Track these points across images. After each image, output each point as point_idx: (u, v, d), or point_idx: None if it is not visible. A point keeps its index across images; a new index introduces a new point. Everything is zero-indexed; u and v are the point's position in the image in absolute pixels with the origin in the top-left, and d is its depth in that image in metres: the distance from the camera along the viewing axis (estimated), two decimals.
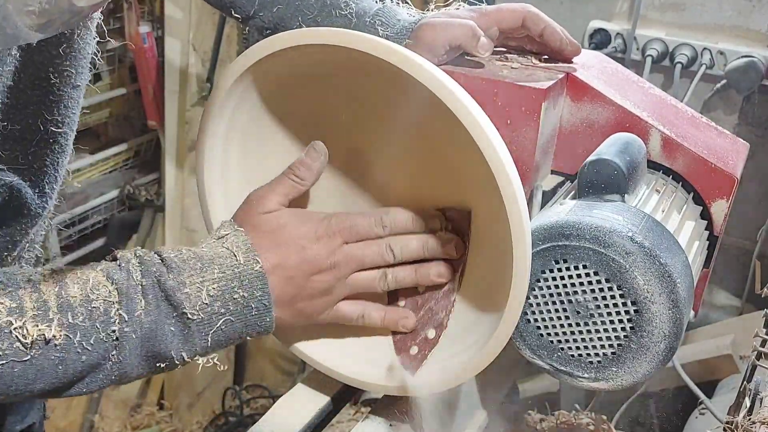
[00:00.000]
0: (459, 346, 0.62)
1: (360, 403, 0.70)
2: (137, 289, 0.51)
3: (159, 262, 0.53)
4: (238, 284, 0.54)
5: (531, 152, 0.67)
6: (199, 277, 0.53)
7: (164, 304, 0.52)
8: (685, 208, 0.67)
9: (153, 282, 0.52)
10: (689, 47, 1.52)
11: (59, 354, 0.49)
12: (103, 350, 0.51)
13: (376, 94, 0.62)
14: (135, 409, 2.05)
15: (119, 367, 0.52)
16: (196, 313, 0.53)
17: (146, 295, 0.52)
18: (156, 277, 0.52)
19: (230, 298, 0.54)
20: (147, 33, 1.88)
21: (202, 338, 0.54)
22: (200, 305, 0.53)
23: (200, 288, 0.53)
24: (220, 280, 0.54)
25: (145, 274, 0.52)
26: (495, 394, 0.88)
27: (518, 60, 0.71)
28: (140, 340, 0.51)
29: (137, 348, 0.52)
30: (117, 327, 0.50)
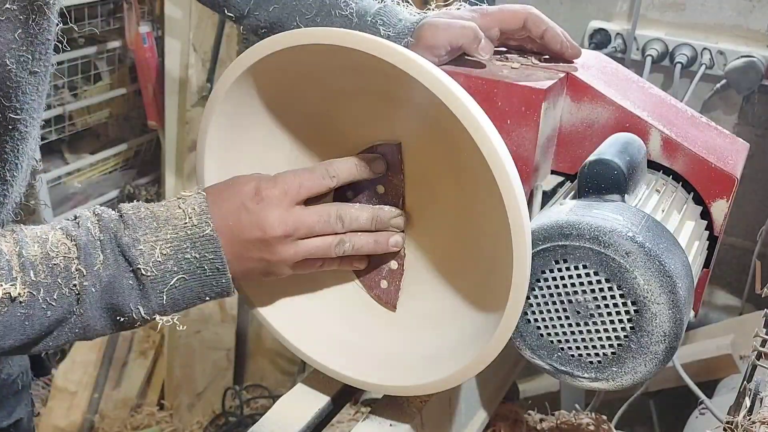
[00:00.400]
0: (459, 347, 0.62)
1: (360, 403, 0.70)
2: (96, 244, 0.53)
3: (117, 219, 0.55)
4: (190, 245, 0.55)
5: (531, 152, 0.67)
6: (153, 235, 0.55)
7: (121, 259, 0.54)
8: (685, 208, 0.67)
9: (110, 237, 0.54)
10: (689, 47, 1.52)
11: (25, 311, 0.51)
12: (67, 304, 0.53)
13: (378, 94, 0.62)
14: (135, 409, 2.05)
15: (82, 320, 0.54)
16: (150, 270, 0.54)
17: (104, 249, 0.53)
18: (113, 232, 0.54)
19: (183, 258, 0.55)
20: (147, 33, 1.88)
21: (158, 295, 0.55)
22: (153, 262, 0.54)
23: (153, 246, 0.54)
24: (172, 240, 0.55)
25: (102, 230, 0.54)
26: (495, 394, 0.88)
27: (518, 60, 0.71)
28: (100, 293, 0.53)
29: (98, 301, 0.54)
30: (77, 281, 0.52)
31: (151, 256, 0.54)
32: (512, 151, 0.53)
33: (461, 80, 0.66)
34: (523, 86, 0.65)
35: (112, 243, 0.54)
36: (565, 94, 0.70)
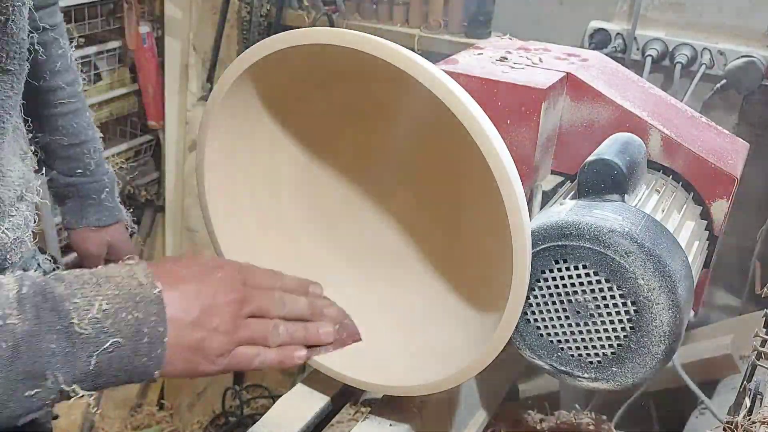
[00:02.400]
0: (459, 347, 0.62)
1: (360, 403, 0.70)
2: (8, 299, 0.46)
3: (49, 278, 0.49)
4: (133, 305, 0.49)
5: (531, 152, 0.67)
6: (93, 290, 0.48)
7: (47, 314, 0.46)
8: (685, 208, 0.67)
9: (36, 291, 0.47)
10: (689, 47, 1.52)
11: None
12: None
13: (377, 94, 0.62)
14: (135, 409, 2.05)
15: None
16: (84, 327, 0.47)
17: (22, 304, 0.46)
18: (41, 286, 0.47)
19: (123, 318, 0.48)
20: (147, 33, 1.88)
21: (86, 359, 0.47)
22: (90, 318, 0.47)
23: (92, 301, 0.48)
24: (114, 297, 0.49)
25: (24, 286, 0.47)
26: (495, 394, 0.88)
27: (518, 60, 0.71)
28: (10, 352, 0.44)
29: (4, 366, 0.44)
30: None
31: (87, 312, 0.47)
32: (512, 151, 0.53)
33: (461, 80, 0.66)
34: (523, 86, 0.65)
35: (37, 297, 0.46)
36: (565, 94, 0.70)
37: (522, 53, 0.76)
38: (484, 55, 0.75)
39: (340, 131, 0.67)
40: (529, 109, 0.65)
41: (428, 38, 1.76)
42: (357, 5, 1.88)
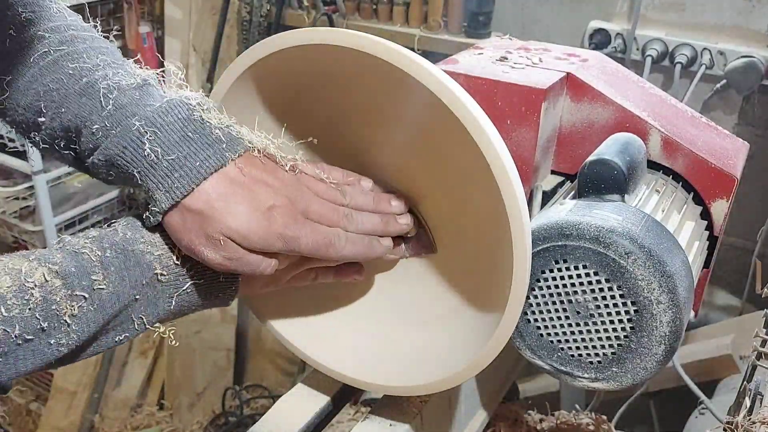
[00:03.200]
0: (459, 346, 0.62)
1: (360, 403, 0.70)
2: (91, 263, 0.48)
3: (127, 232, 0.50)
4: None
5: (531, 152, 0.67)
6: (169, 238, 0.51)
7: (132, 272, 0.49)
8: (685, 208, 0.67)
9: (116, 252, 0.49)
10: (689, 47, 1.52)
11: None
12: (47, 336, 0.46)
13: (377, 94, 0.62)
14: (135, 409, 2.06)
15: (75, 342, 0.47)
16: (165, 275, 0.50)
17: (106, 266, 0.48)
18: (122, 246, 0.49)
19: (199, 262, 0.51)
20: (147, 33, 1.88)
21: (167, 300, 0.51)
22: (170, 266, 0.50)
23: (171, 249, 0.51)
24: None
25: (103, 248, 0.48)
26: (495, 394, 0.88)
27: (518, 60, 0.71)
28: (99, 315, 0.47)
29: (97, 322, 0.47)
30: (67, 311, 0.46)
31: (169, 259, 0.50)
32: (512, 151, 0.53)
33: (461, 80, 0.66)
34: (523, 86, 0.65)
35: (119, 258, 0.49)
36: (565, 94, 0.70)
37: (522, 53, 0.76)
38: (484, 55, 0.75)
39: (340, 131, 0.67)
40: (529, 109, 0.65)
41: (428, 38, 1.76)
42: (357, 5, 1.88)
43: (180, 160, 0.49)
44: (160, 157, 0.49)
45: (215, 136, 0.51)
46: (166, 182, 0.49)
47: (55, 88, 0.55)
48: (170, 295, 0.51)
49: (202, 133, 0.51)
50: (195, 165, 0.49)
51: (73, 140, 0.54)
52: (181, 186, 0.49)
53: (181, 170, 0.49)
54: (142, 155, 0.49)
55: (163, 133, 0.50)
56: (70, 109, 0.54)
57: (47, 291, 0.46)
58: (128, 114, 0.51)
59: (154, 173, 0.49)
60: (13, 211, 1.93)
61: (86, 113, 0.53)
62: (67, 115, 0.54)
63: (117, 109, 0.52)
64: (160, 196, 0.49)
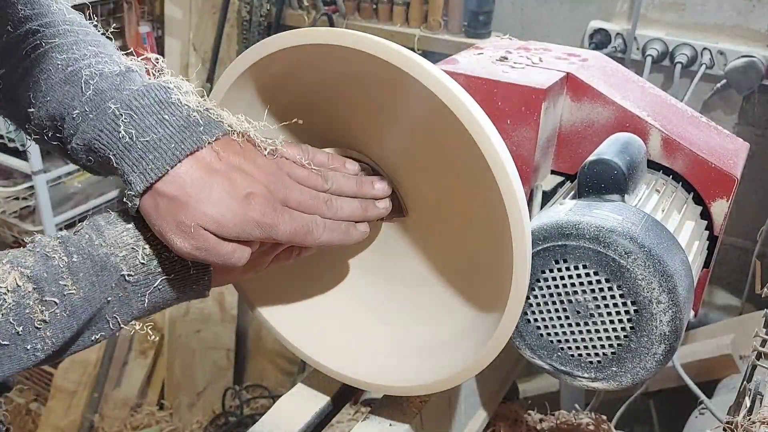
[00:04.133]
0: (459, 347, 0.62)
1: (360, 403, 0.70)
2: (59, 269, 0.47)
3: (90, 234, 0.50)
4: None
5: (531, 152, 0.67)
6: (133, 236, 0.50)
7: (100, 276, 0.48)
8: (685, 208, 0.67)
9: (83, 257, 0.48)
10: (689, 47, 1.52)
11: None
12: (22, 341, 0.46)
13: (377, 94, 0.62)
14: (135, 408, 2.05)
15: (51, 348, 0.47)
16: (133, 275, 0.49)
17: (74, 272, 0.47)
18: (87, 251, 0.48)
19: (167, 257, 0.50)
20: (147, 33, 1.88)
21: (139, 299, 0.50)
22: (136, 265, 0.49)
23: (135, 248, 0.49)
24: (153, 238, 0.50)
25: (69, 253, 0.48)
26: (495, 394, 0.88)
27: (518, 60, 0.71)
28: (72, 319, 0.47)
29: (70, 327, 0.47)
30: (43, 314, 0.46)
31: (134, 259, 0.49)
32: (512, 151, 0.53)
33: (461, 80, 0.66)
34: (523, 86, 0.65)
35: (86, 262, 0.48)
36: (565, 94, 0.70)
37: (522, 53, 0.76)
38: (484, 55, 0.75)
39: (339, 131, 0.67)
40: (529, 109, 0.65)
41: (428, 38, 1.76)
42: (357, 5, 1.88)
43: (155, 141, 0.48)
44: (135, 139, 0.48)
45: (192, 119, 0.50)
46: (140, 165, 0.48)
47: (43, 78, 0.55)
48: (142, 294, 0.50)
49: (179, 115, 0.50)
50: (170, 147, 0.48)
51: (59, 128, 0.54)
52: (156, 168, 0.48)
53: (155, 152, 0.48)
54: (117, 138, 0.49)
55: (138, 116, 0.49)
56: (55, 97, 0.53)
57: (20, 295, 0.45)
58: (106, 98, 0.51)
59: (128, 155, 0.48)
60: (13, 211, 1.93)
61: (69, 100, 0.52)
62: (52, 103, 0.53)
63: (96, 94, 0.51)
64: (135, 178, 0.48)
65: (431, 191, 0.66)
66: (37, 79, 0.55)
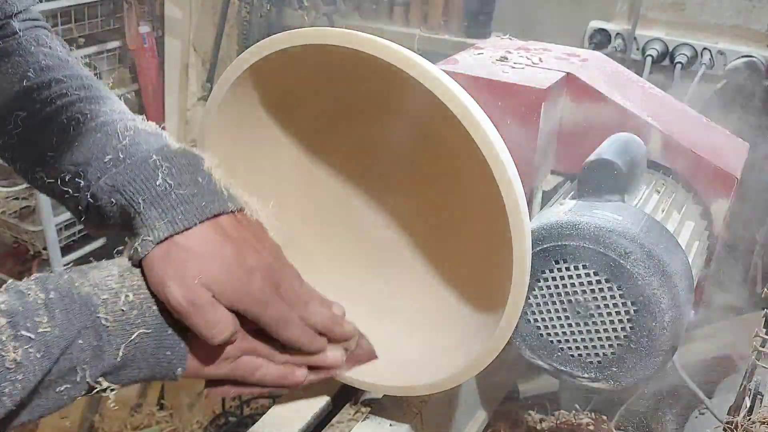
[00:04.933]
0: (459, 347, 0.62)
1: (360, 403, 0.70)
2: (36, 305, 0.45)
3: (72, 275, 0.49)
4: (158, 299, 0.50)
5: (531, 152, 0.67)
6: (118, 282, 0.49)
7: (77, 315, 0.46)
8: (685, 208, 0.67)
9: (62, 293, 0.47)
10: (689, 47, 1.52)
11: None
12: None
13: (377, 94, 0.62)
14: (135, 409, 2.05)
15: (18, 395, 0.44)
16: (111, 321, 0.47)
17: (50, 309, 0.46)
18: (67, 288, 0.47)
19: (149, 308, 0.49)
20: (147, 33, 1.88)
21: (113, 352, 0.48)
22: (116, 311, 0.48)
23: (118, 293, 0.48)
24: (139, 288, 0.49)
25: (47, 290, 0.46)
26: (495, 394, 0.88)
27: (518, 60, 0.71)
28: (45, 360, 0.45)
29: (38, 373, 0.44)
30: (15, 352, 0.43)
31: (114, 304, 0.48)
32: (512, 151, 0.53)
33: (461, 80, 0.66)
34: (523, 86, 0.65)
35: (63, 300, 0.46)
36: (565, 94, 0.70)
37: (522, 53, 0.76)
38: (484, 55, 0.75)
39: (340, 131, 0.67)
40: (529, 109, 0.65)
41: (428, 38, 1.76)
42: (357, 5, 1.88)
43: (188, 196, 0.51)
44: (170, 190, 0.50)
45: (218, 188, 0.53)
46: (170, 214, 0.50)
47: (70, 125, 0.57)
48: (117, 346, 0.48)
49: (209, 181, 0.53)
50: (200, 204, 0.51)
51: (80, 173, 0.55)
52: (185, 219, 0.50)
53: (187, 205, 0.50)
54: (154, 185, 0.51)
55: (176, 170, 0.52)
56: (84, 143, 0.55)
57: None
58: (143, 149, 0.53)
59: (160, 203, 0.50)
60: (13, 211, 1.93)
61: (100, 146, 0.54)
62: (80, 148, 0.55)
63: (133, 144, 0.54)
64: (161, 225, 0.50)
65: (431, 191, 0.66)
66: (64, 126, 0.57)
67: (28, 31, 0.66)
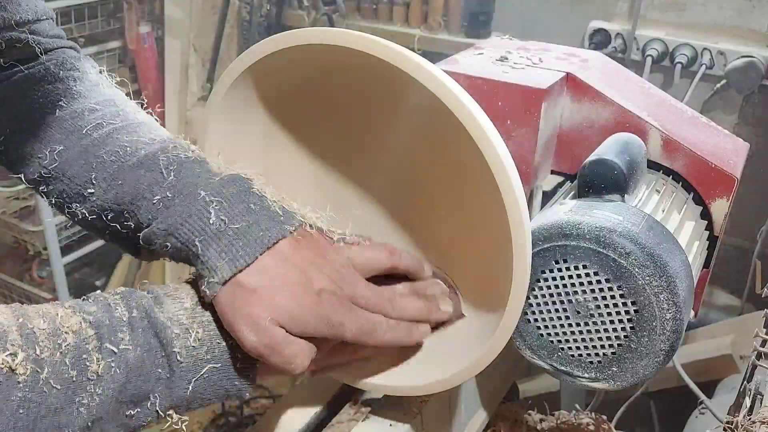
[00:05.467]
0: (459, 347, 0.62)
1: (360, 403, 0.70)
2: (120, 321, 0.46)
3: (147, 296, 0.49)
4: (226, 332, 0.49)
5: (531, 152, 0.67)
6: (189, 317, 0.48)
7: (154, 340, 0.46)
8: (685, 208, 0.67)
9: (141, 315, 0.47)
10: (689, 47, 1.52)
11: (23, 393, 0.41)
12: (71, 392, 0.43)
13: (377, 94, 0.62)
14: None
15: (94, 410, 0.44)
16: (183, 356, 0.47)
17: (134, 327, 0.46)
18: (144, 310, 0.47)
19: (217, 345, 0.49)
20: (147, 33, 1.88)
21: (184, 386, 0.48)
22: (188, 347, 0.48)
23: (189, 329, 0.48)
24: (209, 324, 0.49)
25: (129, 308, 0.47)
26: (495, 394, 0.88)
27: (518, 60, 0.71)
28: (123, 377, 0.45)
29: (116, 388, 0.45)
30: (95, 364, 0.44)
31: (186, 340, 0.47)
32: (512, 151, 0.53)
33: (461, 80, 0.66)
34: (523, 86, 0.65)
35: (144, 321, 0.46)
36: (565, 94, 0.70)
37: (522, 53, 0.76)
38: (484, 55, 0.75)
39: (340, 131, 0.67)
40: (529, 109, 0.65)
41: (428, 38, 1.76)
42: (357, 5, 1.88)
43: (244, 230, 0.49)
44: (226, 226, 0.49)
45: (273, 209, 0.51)
46: (230, 252, 0.48)
47: (110, 160, 0.55)
48: (188, 381, 0.48)
49: (262, 205, 0.51)
50: (258, 235, 0.49)
51: (125, 213, 0.54)
52: (245, 255, 0.48)
53: (245, 239, 0.49)
54: (207, 223, 0.49)
55: (228, 204, 0.50)
56: (127, 181, 0.54)
57: (81, 338, 0.44)
58: (191, 184, 0.51)
59: (218, 242, 0.49)
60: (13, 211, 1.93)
61: (146, 185, 0.53)
62: (123, 186, 0.54)
63: (179, 180, 0.52)
64: (222, 265, 0.48)
65: (430, 191, 0.66)
66: (103, 161, 0.55)
67: (54, 53, 0.64)
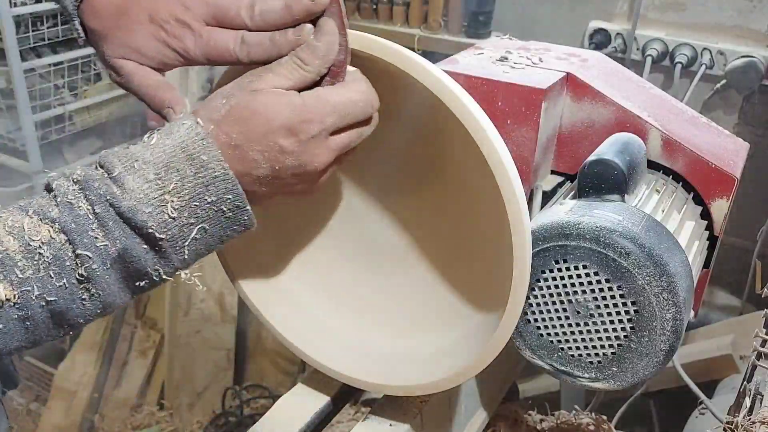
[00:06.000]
0: (459, 347, 0.62)
1: (360, 403, 0.70)
2: (88, 220, 0.45)
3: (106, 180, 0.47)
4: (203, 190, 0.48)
5: (531, 152, 0.67)
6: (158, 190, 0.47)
7: (127, 228, 0.46)
8: (685, 208, 0.67)
9: (106, 207, 0.46)
10: (689, 47, 1.52)
11: (21, 312, 0.44)
12: (69, 295, 0.45)
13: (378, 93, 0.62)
14: (135, 409, 2.05)
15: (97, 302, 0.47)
16: (165, 231, 0.47)
17: (104, 224, 0.45)
18: (110, 201, 0.46)
19: (198, 206, 0.48)
20: None
21: (178, 252, 0.48)
22: (166, 221, 0.47)
23: (161, 202, 0.46)
24: (181, 190, 0.47)
25: (93, 202, 0.46)
26: (495, 394, 0.88)
27: (518, 60, 0.71)
28: (111, 270, 0.46)
29: (111, 278, 0.46)
30: (80, 269, 0.45)
31: (161, 215, 0.46)
32: (512, 151, 0.53)
33: (461, 80, 0.66)
34: (523, 86, 0.65)
35: (110, 212, 0.46)
36: (565, 94, 0.70)
37: (522, 53, 0.76)
38: (484, 55, 0.75)
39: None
40: (529, 109, 0.65)
41: (428, 38, 1.76)
42: (357, 5, 1.88)
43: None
44: None
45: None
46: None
47: None
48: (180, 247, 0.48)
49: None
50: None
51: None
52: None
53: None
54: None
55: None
56: None
57: (56, 248, 0.45)
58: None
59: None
60: None
61: None
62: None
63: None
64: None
65: (431, 191, 0.66)
66: None
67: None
